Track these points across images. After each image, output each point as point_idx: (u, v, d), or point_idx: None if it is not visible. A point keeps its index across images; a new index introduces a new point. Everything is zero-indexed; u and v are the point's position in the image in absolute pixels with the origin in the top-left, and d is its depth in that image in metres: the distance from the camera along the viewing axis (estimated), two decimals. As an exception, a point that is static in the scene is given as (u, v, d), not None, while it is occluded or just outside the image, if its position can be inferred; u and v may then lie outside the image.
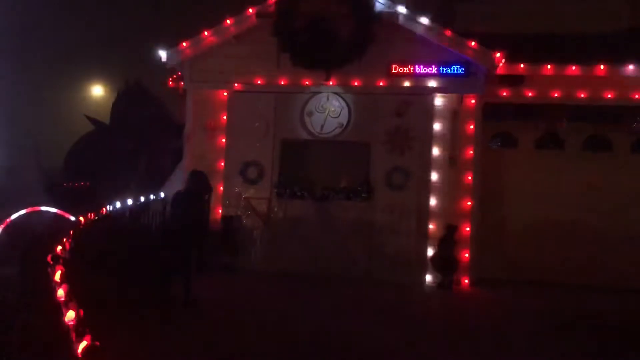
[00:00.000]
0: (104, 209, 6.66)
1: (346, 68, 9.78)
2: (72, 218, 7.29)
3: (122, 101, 16.41)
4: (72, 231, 5.46)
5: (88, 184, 13.63)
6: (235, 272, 9.85)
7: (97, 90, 28.08)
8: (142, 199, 7.89)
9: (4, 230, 8.38)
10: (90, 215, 6.18)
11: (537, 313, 8.27)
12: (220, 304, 7.85)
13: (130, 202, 7.40)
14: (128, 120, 15.34)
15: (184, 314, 7.05)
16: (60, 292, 3.69)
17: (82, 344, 3.07)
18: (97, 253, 6.03)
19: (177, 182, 10.28)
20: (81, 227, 5.80)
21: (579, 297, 9.26)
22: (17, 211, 8.76)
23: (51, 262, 4.24)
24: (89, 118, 16.51)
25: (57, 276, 3.90)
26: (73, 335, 3.18)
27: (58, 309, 3.56)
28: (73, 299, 3.63)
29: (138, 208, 7.63)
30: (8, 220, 8.49)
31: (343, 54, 9.63)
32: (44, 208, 8.75)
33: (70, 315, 3.40)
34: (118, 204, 7.07)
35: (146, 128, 14.48)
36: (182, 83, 10.69)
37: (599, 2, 11.02)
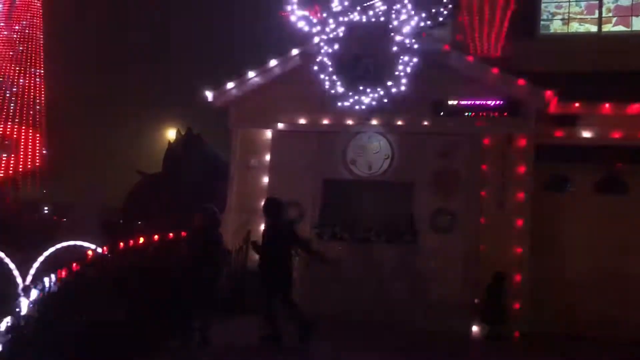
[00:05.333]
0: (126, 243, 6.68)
1: (389, 107, 9.60)
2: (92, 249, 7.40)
3: (172, 151, 16.87)
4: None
5: (140, 224, 14.00)
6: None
7: (172, 133, 29.36)
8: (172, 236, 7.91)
9: None
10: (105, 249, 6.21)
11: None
12: (241, 347, 7.63)
13: (157, 238, 7.41)
14: (179, 169, 15.70)
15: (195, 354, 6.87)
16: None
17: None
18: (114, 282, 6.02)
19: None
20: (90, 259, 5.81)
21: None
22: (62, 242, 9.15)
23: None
24: (138, 172, 17.09)
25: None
26: None
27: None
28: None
29: (166, 244, 7.63)
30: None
31: (386, 93, 9.48)
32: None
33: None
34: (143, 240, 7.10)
35: (196, 176, 14.74)
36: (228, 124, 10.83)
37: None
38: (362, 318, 9.39)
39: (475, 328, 9.17)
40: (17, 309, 4.79)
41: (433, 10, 9.47)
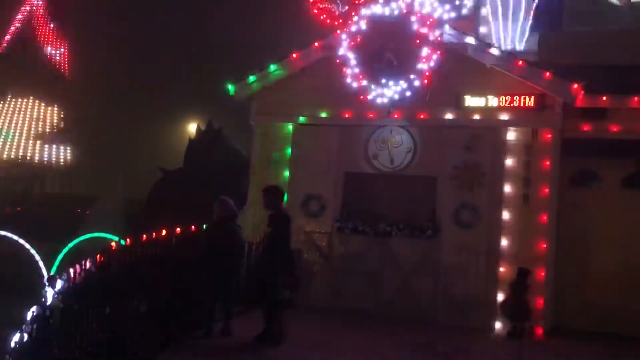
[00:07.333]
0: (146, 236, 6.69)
1: (412, 100, 9.49)
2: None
3: (193, 147, 16.95)
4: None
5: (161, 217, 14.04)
6: (294, 308, 9.57)
7: (193, 127, 29.56)
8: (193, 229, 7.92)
9: None
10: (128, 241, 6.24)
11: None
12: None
13: (177, 230, 7.43)
14: (199, 165, 15.76)
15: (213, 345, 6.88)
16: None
17: None
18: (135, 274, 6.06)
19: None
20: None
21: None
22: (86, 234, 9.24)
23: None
24: (160, 169, 17.19)
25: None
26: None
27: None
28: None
29: (185, 237, 7.63)
30: None
31: (408, 86, 9.37)
32: None
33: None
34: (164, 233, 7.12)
35: (216, 171, 14.79)
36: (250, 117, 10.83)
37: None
38: (383, 312, 9.37)
39: (497, 324, 9.07)
40: (43, 299, 4.81)
41: (456, 2, 9.32)
